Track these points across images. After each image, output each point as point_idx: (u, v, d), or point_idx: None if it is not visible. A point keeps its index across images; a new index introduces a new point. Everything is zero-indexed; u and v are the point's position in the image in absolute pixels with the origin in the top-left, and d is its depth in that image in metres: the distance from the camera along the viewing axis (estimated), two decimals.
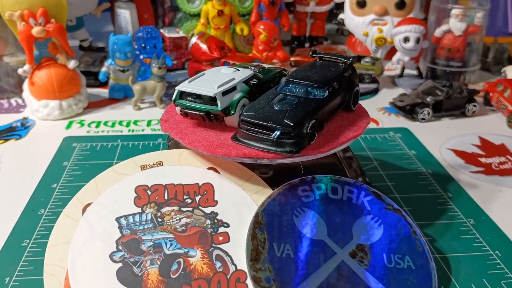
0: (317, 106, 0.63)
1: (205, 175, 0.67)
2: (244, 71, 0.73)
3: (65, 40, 1.07)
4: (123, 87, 1.18)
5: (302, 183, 0.67)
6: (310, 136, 0.61)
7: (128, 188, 0.65)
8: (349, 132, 0.67)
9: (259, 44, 1.34)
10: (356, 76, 0.73)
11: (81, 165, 0.89)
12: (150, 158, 0.69)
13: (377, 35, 1.36)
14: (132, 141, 0.98)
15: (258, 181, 0.67)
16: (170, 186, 0.66)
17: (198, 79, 0.68)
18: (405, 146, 0.99)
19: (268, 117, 0.60)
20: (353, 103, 0.72)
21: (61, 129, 1.03)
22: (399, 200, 0.80)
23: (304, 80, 0.66)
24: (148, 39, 1.23)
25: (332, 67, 0.71)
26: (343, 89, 0.70)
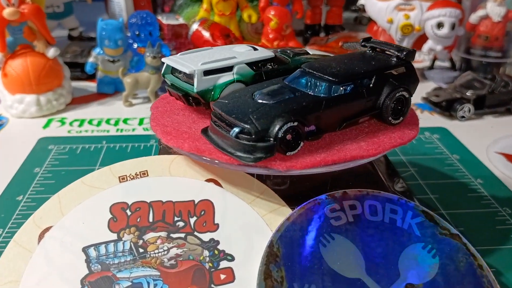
0: (312, 106, 0.50)
1: (203, 189, 0.52)
2: (263, 52, 0.60)
3: (43, 24, 0.92)
4: (113, 80, 1.03)
5: (331, 200, 0.51)
6: (286, 143, 0.48)
7: (101, 206, 0.50)
8: (357, 149, 0.51)
9: (269, 32, 1.19)
10: (411, 78, 0.57)
11: (56, 172, 0.74)
12: (131, 166, 0.53)
13: (403, 22, 1.19)
14: (120, 143, 0.83)
15: (272, 196, 0.52)
16: (156, 204, 0.50)
17: (194, 53, 0.58)
18: (446, 149, 0.83)
19: (235, 110, 0.49)
20: (393, 114, 0.55)
21: (38, 129, 0.88)
22: (446, 218, 0.64)
23: (318, 71, 0.53)
24: (142, 26, 1.08)
25: (377, 61, 0.56)
26: (378, 90, 0.54)
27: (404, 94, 0.55)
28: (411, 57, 0.56)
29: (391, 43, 0.59)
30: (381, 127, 0.56)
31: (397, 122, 0.56)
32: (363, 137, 0.53)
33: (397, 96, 0.55)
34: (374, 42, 0.59)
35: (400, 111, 0.56)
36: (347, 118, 0.53)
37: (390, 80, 0.54)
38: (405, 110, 0.56)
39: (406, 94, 0.55)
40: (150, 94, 0.98)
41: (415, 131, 0.56)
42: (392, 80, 0.54)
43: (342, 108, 0.52)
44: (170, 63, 0.57)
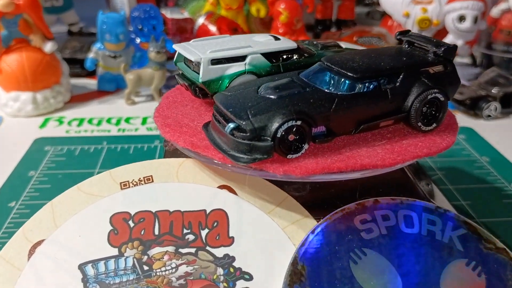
0: (322, 104, 0.44)
1: (216, 196, 0.46)
2: (284, 42, 0.55)
3: (40, 17, 0.86)
4: (115, 77, 0.97)
5: (361, 210, 0.45)
6: (288, 144, 0.43)
7: (100, 217, 0.44)
8: (371, 156, 0.45)
9: (278, 26, 1.13)
10: (451, 79, 0.50)
11: (52, 176, 0.68)
12: (134, 171, 0.47)
13: (421, 16, 1.13)
14: (122, 144, 0.76)
15: (294, 205, 0.45)
16: (162, 214, 0.44)
17: (207, 41, 0.55)
18: (474, 150, 0.76)
19: (234, 103, 0.45)
20: (423, 119, 0.49)
21: (34, 128, 0.82)
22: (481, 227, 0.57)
23: (337, 65, 0.48)
24: (145, 19, 1.02)
25: (410, 56, 0.50)
26: (406, 91, 0.48)
27: (439, 96, 0.48)
28: (450, 53, 0.49)
29: (430, 37, 0.52)
30: (408, 133, 0.49)
31: (429, 129, 0.49)
32: (383, 143, 0.47)
33: (430, 98, 0.48)
34: (411, 36, 0.53)
35: (433, 116, 0.49)
36: (364, 120, 0.47)
37: (422, 80, 0.48)
38: (439, 115, 0.49)
39: (441, 96, 0.48)
40: (154, 92, 0.92)
41: (449, 141, 0.49)
42: (424, 80, 0.48)
43: (359, 109, 0.46)
44: (179, 50, 0.53)
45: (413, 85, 0.48)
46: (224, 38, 0.57)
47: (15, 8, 0.82)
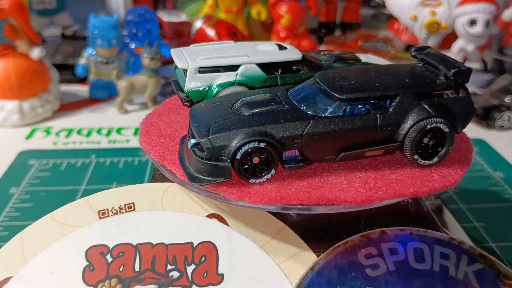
0: (294, 126, 0.41)
1: (204, 227, 0.41)
2: (288, 53, 0.51)
3: (27, 21, 0.82)
4: (107, 84, 0.92)
5: (366, 243, 0.41)
6: (250, 168, 0.40)
7: (75, 250, 0.39)
8: (344, 190, 0.40)
9: (280, 30, 1.08)
10: (461, 107, 0.44)
11: (34, 193, 0.63)
12: (114, 198, 0.42)
13: (429, 19, 1.08)
14: (111, 157, 0.72)
15: (291, 237, 0.41)
16: (144, 247, 0.40)
17: (204, 47, 0.53)
18: (487, 165, 0.72)
19: (203, 117, 0.43)
20: (421, 152, 0.43)
21: (19, 140, 0.78)
22: (498, 254, 0.53)
23: (325, 82, 0.43)
24: (140, 23, 0.97)
25: (416, 78, 0.44)
26: (400, 117, 0.42)
27: (442, 127, 0.42)
28: (463, 77, 0.43)
29: (447, 56, 0.46)
30: (404, 165, 0.44)
31: (429, 164, 0.43)
32: (366, 175, 0.42)
33: (429, 128, 0.42)
34: (427, 53, 0.47)
35: (435, 149, 0.43)
36: (346, 148, 0.42)
37: (422, 106, 0.42)
38: (442, 150, 0.43)
39: (445, 127, 0.42)
40: (147, 100, 0.88)
41: (449, 180, 0.43)
42: (426, 106, 0.42)
43: (339, 134, 0.41)
44: (173, 55, 0.51)
45: (411, 112, 0.42)
46: (225, 44, 0.54)
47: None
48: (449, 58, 0.45)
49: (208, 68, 0.49)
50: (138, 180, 0.66)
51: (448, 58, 0.45)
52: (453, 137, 0.43)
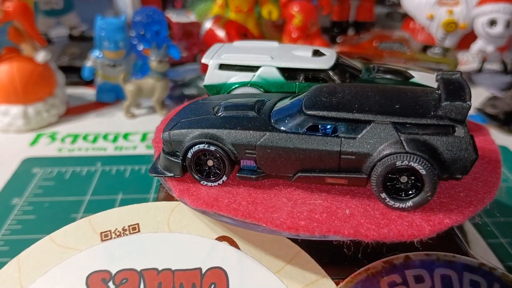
0: (248, 136, 0.39)
1: (214, 251, 0.38)
2: (320, 60, 0.49)
3: (32, 24, 0.79)
4: (114, 87, 0.90)
5: (389, 270, 0.37)
6: (205, 170, 0.41)
7: (75, 276, 0.37)
8: (281, 217, 0.37)
9: (292, 30, 1.04)
10: (453, 150, 0.37)
11: (38, 204, 0.61)
12: (118, 218, 0.39)
13: (446, 19, 1.05)
14: (117, 165, 0.69)
15: (308, 263, 0.38)
16: (149, 273, 0.37)
17: (244, 45, 0.54)
18: (511, 175, 0.67)
19: (185, 113, 0.45)
20: (391, 191, 0.38)
21: (24, 146, 0.75)
22: None
23: (309, 95, 0.41)
24: (148, 24, 0.94)
25: (408, 106, 0.38)
26: (370, 147, 0.38)
27: (416, 167, 0.36)
28: (455, 113, 0.36)
29: (464, 86, 0.39)
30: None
31: (399, 207, 0.38)
32: (324, 202, 0.39)
33: (399, 165, 0.36)
34: (445, 80, 0.40)
35: (409, 192, 0.38)
36: (303, 169, 0.39)
37: (397, 139, 0.37)
38: (417, 195, 0.37)
39: (420, 168, 0.36)
40: (155, 104, 0.85)
41: (431, 228, 0.36)
42: (401, 139, 0.37)
43: (294, 152, 0.38)
44: (210, 49, 0.54)
45: (383, 143, 0.37)
46: (268, 44, 0.54)
47: (4, 16, 0.76)
48: (461, 88, 0.38)
49: (228, 65, 0.50)
50: (145, 190, 0.63)
51: (460, 88, 0.38)
52: (433, 182, 0.36)
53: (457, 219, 0.37)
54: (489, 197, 0.40)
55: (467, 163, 0.37)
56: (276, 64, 0.49)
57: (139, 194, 0.62)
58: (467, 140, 0.37)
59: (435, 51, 0.97)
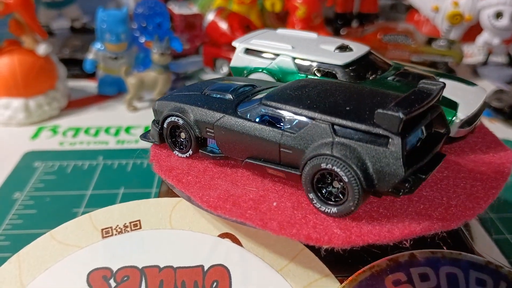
0: (209, 114, 0.42)
1: (216, 248, 0.38)
2: (344, 56, 0.49)
3: (33, 16, 0.78)
4: (116, 80, 0.89)
5: (394, 267, 0.37)
6: (178, 141, 0.46)
7: (75, 274, 0.36)
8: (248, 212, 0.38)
9: (295, 22, 1.03)
10: (381, 161, 0.34)
11: (39, 199, 0.60)
12: (119, 215, 0.39)
13: (452, 11, 1.03)
14: (119, 159, 0.69)
15: (311, 261, 0.37)
16: (151, 271, 0.36)
17: (284, 33, 0.57)
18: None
19: (185, 88, 0.50)
20: (317, 192, 0.37)
21: (25, 140, 0.75)
22: None
23: (280, 87, 0.43)
24: (150, 16, 0.93)
25: (357, 109, 0.37)
26: (305, 145, 0.37)
27: (339, 172, 0.35)
28: (385, 123, 0.34)
29: (422, 97, 0.36)
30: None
31: (324, 211, 0.37)
32: (266, 192, 0.40)
33: (324, 168, 0.35)
34: (419, 88, 0.38)
35: (337, 196, 0.36)
36: (249, 155, 0.40)
37: (329, 140, 0.36)
38: (341, 202, 0.36)
39: (343, 174, 0.35)
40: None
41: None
42: (333, 141, 0.36)
43: (242, 137, 0.40)
44: (253, 33, 0.57)
45: (316, 142, 0.36)
46: (306, 35, 0.56)
47: (4, 8, 0.75)
48: (418, 99, 0.36)
49: (253, 50, 0.53)
50: (147, 184, 0.62)
51: (419, 98, 0.36)
52: (355, 192, 0.35)
53: (384, 236, 0.35)
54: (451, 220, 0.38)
55: (394, 179, 0.34)
56: (292, 54, 0.50)
57: (141, 189, 0.62)
58: (397, 155, 0.34)
59: (440, 44, 0.96)
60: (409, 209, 0.38)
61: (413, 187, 0.35)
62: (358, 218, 0.37)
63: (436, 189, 0.41)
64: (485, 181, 0.42)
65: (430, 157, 0.37)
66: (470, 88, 0.50)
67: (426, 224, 0.36)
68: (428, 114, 0.37)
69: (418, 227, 0.36)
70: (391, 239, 0.35)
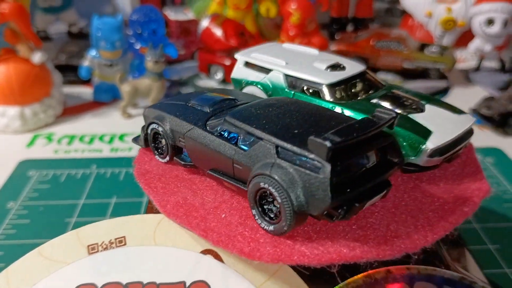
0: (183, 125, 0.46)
1: (198, 264, 0.39)
2: (331, 75, 0.49)
3: (28, 25, 0.80)
4: (111, 87, 0.90)
5: (370, 284, 0.38)
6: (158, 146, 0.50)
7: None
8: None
9: (289, 28, 1.04)
10: (312, 189, 0.35)
11: (32, 208, 0.62)
12: (105, 231, 0.40)
13: (445, 16, 1.04)
14: (112, 168, 0.70)
15: (290, 277, 0.38)
16: (134, 286, 0.37)
17: (286, 48, 0.58)
18: (503, 178, 0.68)
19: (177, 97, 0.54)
20: (261, 209, 0.39)
21: (20, 148, 0.76)
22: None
23: (246, 104, 0.46)
24: (145, 23, 0.94)
25: (304, 133, 0.38)
26: (253, 163, 0.39)
27: (274, 193, 0.36)
28: (315, 150, 0.34)
29: (361, 126, 0.37)
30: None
31: (264, 228, 0.38)
32: (221, 202, 0.43)
33: (262, 187, 0.37)
34: (373, 117, 0.39)
35: (274, 213, 0.38)
36: (211, 167, 0.43)
37: (271, 161, 0.37)
38: (276, 222, 0.37)
39: (276, 195, 0.36)
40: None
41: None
42: (274, 162, 0.37)
43: (204, 149, 0.42)
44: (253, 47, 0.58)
45: (261, 162, 0.38)
46: (308, 51, 0.56)
47: (0, 17, 0.76)
48: (357, 129, 0.36)
49: (251, 64, 0.54)
50: (139, 194, 0.64)
51: (357, 128, 0.36)
52: (288, 213, 0.36)
53: (313, 259, 0.36)
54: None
55: (322, 205, 0.35)
56: (284, 70, 0.51)
57: (133, 198, 0.63)
58: (326, 182, 0.34)
59: (433, 50, 0.97)
60: (348, 235, 0.38)
61: (347, 214, 0.36)
62: (293, 238, 0.38)
63: (385, 217, 0.40)
64: (442, 214, 0.41)
65: (369, 185, 0.37)
66: (454, 117, 0.48)
67: (359, 251, 0.37)
68: (375, 143, 0.38)
69: (350, 253, 0.36)
70: (319, 262, 0.36)
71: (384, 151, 0.40)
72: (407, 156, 0.44)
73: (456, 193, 0.44)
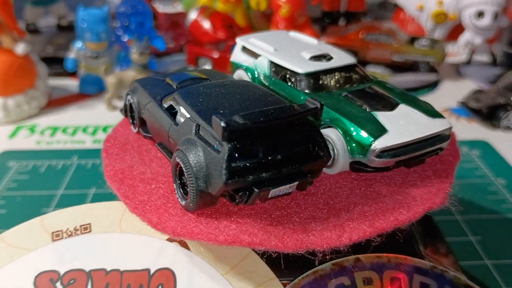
0: (148, 96, 0.48)
1: (163, 252, 0.38)
2: (311, 65, 0.49)
3: (11, 15, 0.79)
4: (97, 79, 0.89)
5: (338, 272, 0.37)
6: (131, 114, 0.54)
7: (23, 276, 0.36)
8: None
9: (279, 21, 1.03)
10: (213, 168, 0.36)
11: (10, 199, 0.61)
12: (70, 218, 0.39)
13: (436, 10, 1.03)
14: (94, 159, 0.69)
15: (257, 264, 0.38)
16: (97, 274, 0.37)
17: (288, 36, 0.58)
18: (488, 170, 0.67)
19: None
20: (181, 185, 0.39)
21: (2, 139, 0.76)
22: (492, 272, 0.49)
23: (203, 80, 0.50)
24: (132, 15, 0.93)
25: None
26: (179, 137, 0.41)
27: (183, 167, 0.37)
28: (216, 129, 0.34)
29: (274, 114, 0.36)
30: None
31: (180, 203, 0.39)
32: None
33: (176, 162, 0.38)
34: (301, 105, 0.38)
35: None
36: (158, 140, 0.45)
37: (188, 137, 0.38)
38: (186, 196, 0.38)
39: (184, 169, 0.37)
40: None
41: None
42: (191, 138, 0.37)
43: (151, 121, 0.45)
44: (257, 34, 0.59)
45: (182, 139, 0.38)
46: (307, 40, 0.56)
47: None
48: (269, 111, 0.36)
49: (247, 49, 0.55)
50: None
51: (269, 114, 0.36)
52: (192, 189, 0.36)
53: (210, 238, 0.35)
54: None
55: (218, 183, 0.35)
56: (269, 56, 0.51)
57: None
58: (222, 161, 0.34)
59: (423, 43, 0.96)
60: (258, 221, 0.37)
61: (248, 199, 0.36)
62: (202, 215, 0.37)
63: (308, 211, 0.39)
64: (372, 218, 0.39)
65: (275, 174, 0.36)
66: (424, 120, 0.44)
67: (258, 239, 0.35)
68: (292, 133, 0.37)
69: (247, 239, 0.35)
70: (216, 242, 0.35)
71: (309, 143, 0.38)
72: (355, 154, 0.42)
73: (400, 199, 0.41)
